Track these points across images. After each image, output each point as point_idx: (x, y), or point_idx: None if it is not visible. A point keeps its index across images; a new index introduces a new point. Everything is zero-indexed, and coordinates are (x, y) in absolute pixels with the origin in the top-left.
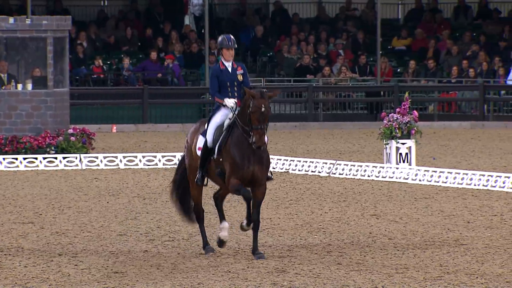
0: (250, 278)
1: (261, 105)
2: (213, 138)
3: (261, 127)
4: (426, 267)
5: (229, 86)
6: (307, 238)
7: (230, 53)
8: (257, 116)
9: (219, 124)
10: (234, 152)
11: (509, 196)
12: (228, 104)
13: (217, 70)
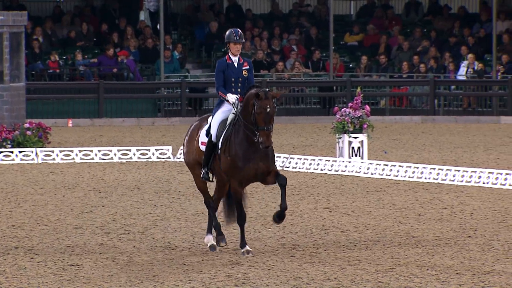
0: (205, 271)
1: (266, 106)
2: (216, 133)
3: (267, 128)
4: (377, 259)
5: (233, 81)
6: (261, 231)
7: (237, 47)
8: (263, 117)
9: (223, 119)
10: (235, 151)
11: (459, 189)
12: (230, 99)
13: (223, 64)
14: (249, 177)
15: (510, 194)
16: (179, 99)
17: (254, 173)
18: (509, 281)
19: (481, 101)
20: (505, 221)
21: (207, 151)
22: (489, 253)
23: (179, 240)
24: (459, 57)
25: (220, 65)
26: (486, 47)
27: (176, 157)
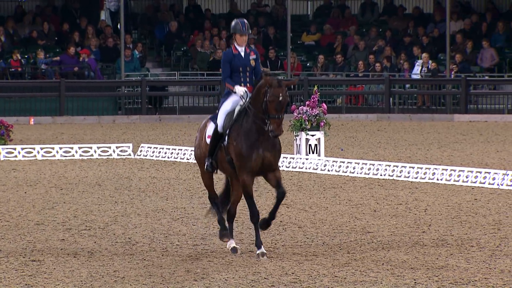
0: (165, 266)
1: (279, 94)
2: (223, 124)
3: (278, 116)
4: (334, 254)
5: (241, 71)
6: None
7: (243, 38)
8: (275, 105)
9: (230, 111)
10: (243, 141)
11: (413, 186)
12: (238, 92)
13: (229, 55)
14: (257, 166)
15: (464, 190)
16: (140, 97)
17: (261, 162)
18: (462, 276)
19: (435, 100)
20: (458, 216)
21: (212, 141)
22: (442, 248)
23: (139, 236)
24: (414, 56)
25: (226, 56)
26: (440, 47)
27: (136, 154)
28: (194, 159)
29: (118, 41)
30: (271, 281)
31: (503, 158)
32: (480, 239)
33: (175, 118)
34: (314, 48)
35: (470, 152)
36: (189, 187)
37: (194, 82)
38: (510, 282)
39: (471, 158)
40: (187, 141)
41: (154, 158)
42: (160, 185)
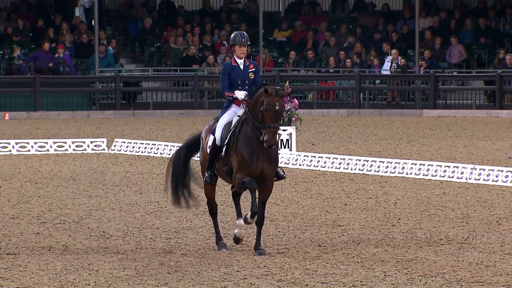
0: (139, 259)
1: (275, 103)
2: (221, 136)
3: (273, 126)
4: (305, 247)
5: (240, 84)
6: (193, 221)
7: (242, 50)
8: (271, 114)
9: (228, 122)
10: (243, 148)
11: (383, 180)
12: (239, 96)
13: (228, 67)
14: (254, 174)
15: (432, 184)
16: (113, 92)
17: (260, 173)
18: (431, 268)
19: (404, 95)
20: (427, 210)
21: (210, 154)
22: (412, 241)
23: (113, 229)
24: (384, 53)
25: (226, 68)
26: (409, 43)
27: (111, 149)
28: (167, 154)
29: (92, 37)
30: (243, 273)
31: (471, 153)
32: (448, 232)
33: (148, 113)
34: (285, 44)
35: (439, 147)
36: (162, 182)
37: (167, 77)
38: (478, 274)
39: (440, 153)
40: (160, 136)
41: (128, 153)
42: (134, 180)
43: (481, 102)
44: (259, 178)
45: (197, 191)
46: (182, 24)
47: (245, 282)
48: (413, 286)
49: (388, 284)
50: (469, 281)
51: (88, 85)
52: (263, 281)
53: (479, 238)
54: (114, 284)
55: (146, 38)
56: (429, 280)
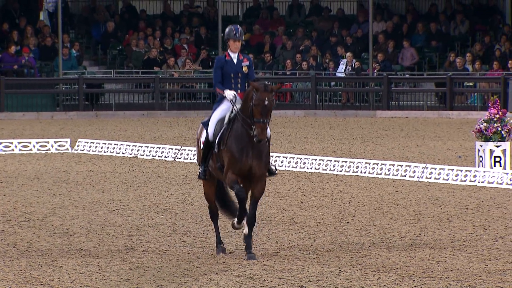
0: (101, 256)
1: (264, 98)
2: (213, 131)
3: (263, 121)
4: (263, 243)
5: (232, 77)
6: (154, 218)
7: (236, 44)
8: (260, 109)
9: (220, 118)
10: (232, 145)
11: (338, 179)
12: (227, 95)
13: (221, 60)
14: (244, 171)
15: (385, 182)
16: (77, 94)
17: (249, 169)
18: (384, 264)
19: (358, 97)
20: (380, 207)
21: (204, 149)
22: (366, 238)
23: (76, 227)
24: (339, 56)
25: (219, 61)
26: (363, 46)
27: (74, 148)
28: (129, 154)
29: (56, 40)
30: (203, 269)
31: (422, 152)
32: (401, 229)
33: (111, 114)
34: (244, 47)
35: (392, 147)
36: (124, 180)
37: (129, 79)
38: (429, 269)
39: (393, 152)
40: (122, 136)
41: (91, 153)
42: (96, 178)
43: (433, 104)
44: (248, 175)
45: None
46: (144, 28)
47: (204, 278)
48: (367, 281)
49: (343, 279)
50: (421, 276)
51: (52, 86)
52: (222, 277)
53: (430, 234)
54: (77, 280)
55: (108, 41)
56: (382, 275)
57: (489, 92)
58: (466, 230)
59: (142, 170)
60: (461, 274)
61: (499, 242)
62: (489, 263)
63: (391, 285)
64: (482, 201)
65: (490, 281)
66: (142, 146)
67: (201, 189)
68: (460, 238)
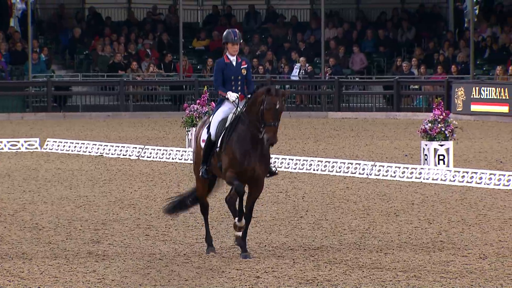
0: (69, 248)
1: (276, 102)
2: (216, 131)
3: (274, 124)
4: (222, 237)
5: (233, 80)
6: (119, 213)
7: (235, 48)
8: (272, 113)
9: (223, 118)
10: (236, 147)
11: (292, 176)
12: (230, 97)
13: (221, 64)
14: (246, 174)
15: (337, 179)
16: (46, 96)
17: (252, 172)
18: (335, 256)
19: (311, 99)
20: (332, 203)
21: (205, 149)
22: (318, 231)
23: (45, 221)
24: (293, 60)
25: (219, 65)
26: (315, 52)
27: (43, 147)
28: (95, 152)
29: (26, 45)
30: (165, 261)
31: (371, 151)
32: (351, 223)
33: (78, 115)
34: (204, 52)
35: (343, 146)
36: (91, 178)
37: (95, 82)
38: (378, 261)
39: (343, 151)
40: (89, 136)
41: (59, 151)
42: (64, 176)
43: (381, 105)
44: (250, 176)
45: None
46: (109, 34)
47: (166, 269)
48: (319, 272)
49: (297, 270)
50: (370, 267)
51: (22, 89)
52: (183, 268)
53: (379, 228)
54: (46, 271)
55: (75, 46)
56: (334, 266)
57: (434, 95)
58: (412, 224)
59: (107, 168)
60: (407, 265)
61: (442, 235)
62: (433, 254)
63: (341, 276)
64: (427, 196)
65: (435, 272)
66: (108, 145)
67: (163, 186)
68: (407, 232)
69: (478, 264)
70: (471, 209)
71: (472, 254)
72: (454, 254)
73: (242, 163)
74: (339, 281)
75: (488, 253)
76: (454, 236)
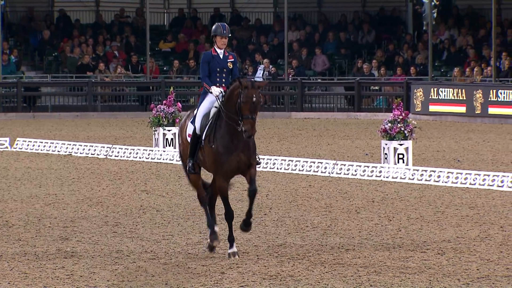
0: (38, 245)
1: (252, 95)
2: (200, 125)
3: (252, 117)
4: (188, 234)
5: (218, 72)
6: (87, 211)
7: (223, 41)
8: (249, 106)
9: (205, 113)
10: (218, 142)
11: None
12: (214, 92)
13: (208, 56)
14: (232, 170)
15: (299, 178)
16: (15, 97)
17: (236, 165)
18: (298, 252)
19: (275, 99)
20: (295, 201)
21: (192, 143)
22: (282, 228)
23: (15, 219)
24: (257, 62)
25: (206, 56)
26: (279, 53)
27: (13, 147)
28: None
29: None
30: (132, 258)
31: (333, 150)
32: (313, 220)
33: (47, 115)
34: (170, 54)
35: (305, 145)
36: (60, 176)
37: (64, 83)
38: (339, 257)
39: (306, 150)
40: (58, 136)
41: (28, 151)
42: (34, 174)
43: (342, 106)
44: (238, 166)
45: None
46: (78, 36)
47: (133, 265)
48: (283, 267)
49: (261, 266)
50: (332, 263)
51: None
52: (150, 264)
53: (340, 225)
54: (16, 267)
55: (45, 48)
56: (297, 262)
57: (393, 96)
58: (373, 221)
59: (76, 166)
60: (368, 261)
61: (402, 231)
62: (393, 250)
63: (304, 272)
64: (387, 194)
65: (394, 267)
66: (76, 145)
67: (130, 185)
68: (367, 228)
69: (436, 259)
70: (429, 206)
71: (430, 250)
72: (413, 250)
73: (226, 157)
74: (301, 277)
75: (446, 249)
76: (413, 233)
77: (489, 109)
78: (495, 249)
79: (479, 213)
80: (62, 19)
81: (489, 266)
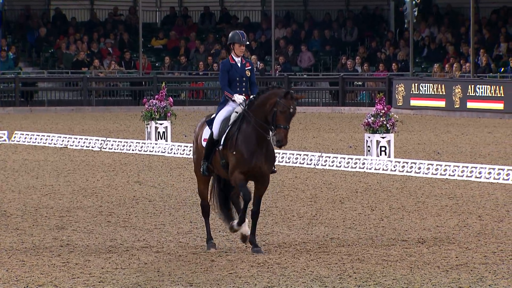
0: (35, 234)
1: (290, 106)
2: (219, 130)
3: (286, 127)
4: (179, 223)
5: (238, 81)
6: (82, 201)
7: (241, 48)
8: (285, 116)
9: (226, 117)
10: (242, 147)
11: None
12: (237, 100)
13: (227, 65)
14: (253, 173)
15: (286, 169)
16: (13, 92)
17: (258, 171)
18: (285, 241)
19: None
20: (282, 191)
21: (207, 146)
22: (269, 218)
23: (13, 209)
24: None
25: (224, 65)
26: (266, 50)
27: (11, 140)
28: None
29: None
30: (125, 246)
31: (318, 143)
32: (299, 210)
33: (44, 109)
34: (161, 51)
35: (292, 138)
36: (56, 168)
37: (60, 79)
38: (324, 245)
39: (292, 143)
40: (54, 129)
41: (26, 143)
42: (31, 166)
43: (327, 100)
44: (256, 175)
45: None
46: (73, 33)
47: (127, 254)
48: (270, 255)
49: (249, 254)
50: (317, 251)
51: None
52: (143, 253)
53: (325, 214)
54: (13, 256)
55: (41, 45)
56: (283, 250)
57: (376, 90)
58: (356, 211)
59: (71, 159)
60: (352, 249)
61: (384, 221)
62: (375, 239)
63: (290, 259)
64: (370, 185)
65: (377, 255)
66: (72, 138)
67: (124, 176)
68: (351, 218)
69: (417, 248)
70: (410, 197)
71: (411, 239)
72: (395, 239)
73: (249, 162)
74: (288, 264)
75: (426, 238)
76: (395, 222)
77: (468, 104)
78: (473, 238)
79: (458, 203)
80: (58, 17)
81: (468, 254)
